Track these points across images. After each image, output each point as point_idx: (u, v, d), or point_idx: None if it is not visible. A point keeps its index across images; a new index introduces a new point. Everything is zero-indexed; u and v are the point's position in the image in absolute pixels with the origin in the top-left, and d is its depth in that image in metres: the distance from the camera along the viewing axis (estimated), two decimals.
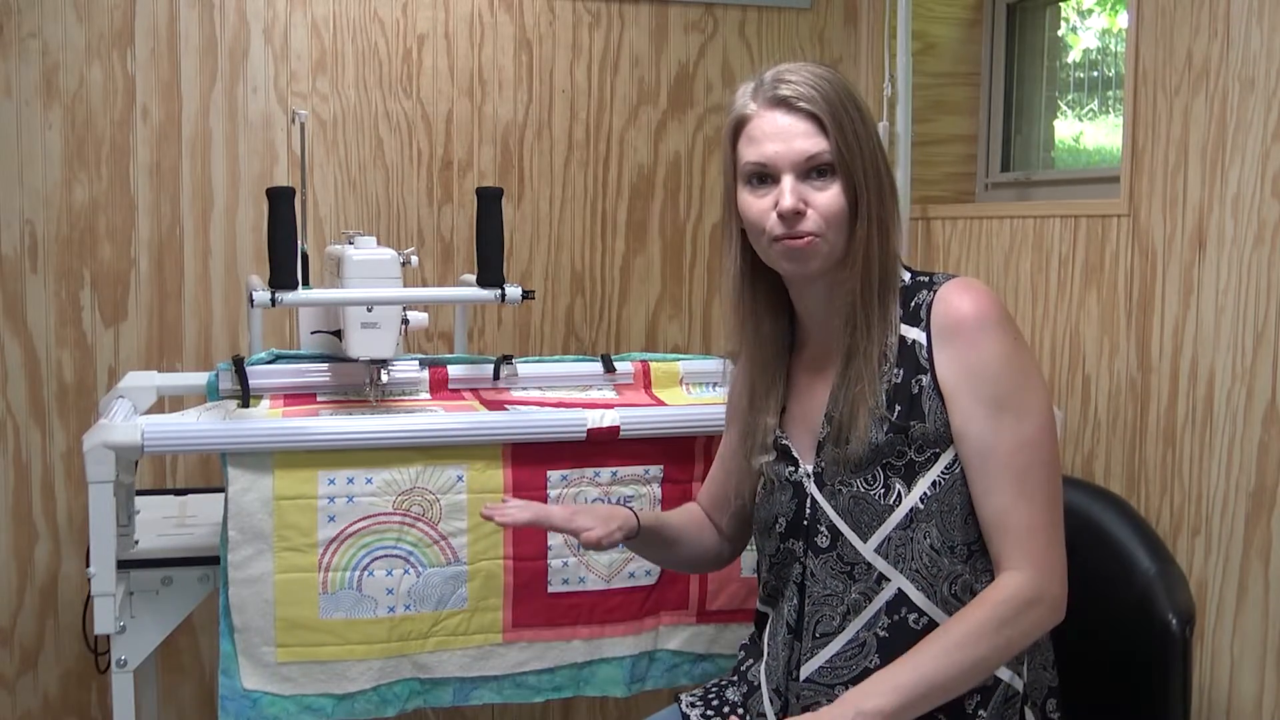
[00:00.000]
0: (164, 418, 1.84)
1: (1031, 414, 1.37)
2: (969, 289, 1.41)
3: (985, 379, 1.37)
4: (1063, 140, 2.53)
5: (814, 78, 1.41)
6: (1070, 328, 2.03)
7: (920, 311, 1.42)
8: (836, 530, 1.43)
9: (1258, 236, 1.66)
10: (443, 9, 2.51)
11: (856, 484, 1.42)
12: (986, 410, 1.37)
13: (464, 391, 2.04)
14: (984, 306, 1.39)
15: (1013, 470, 1.36)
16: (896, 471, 1.40)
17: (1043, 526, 1.36)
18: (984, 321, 1.38)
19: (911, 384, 1.40)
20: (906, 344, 1.42)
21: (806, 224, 1.39)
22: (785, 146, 1.39)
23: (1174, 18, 1.81)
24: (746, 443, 1.55)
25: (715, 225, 2.69)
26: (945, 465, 1.39)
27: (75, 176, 2.35)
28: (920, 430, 1.39)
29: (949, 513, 1.39)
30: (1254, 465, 1.67)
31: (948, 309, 1.40)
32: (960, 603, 1.38)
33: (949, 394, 1.39)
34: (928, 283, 1.44)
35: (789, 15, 2.69)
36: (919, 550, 1.39)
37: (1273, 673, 1.65)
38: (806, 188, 1.39)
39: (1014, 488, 1.36)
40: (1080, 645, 1.40)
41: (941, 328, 1.40)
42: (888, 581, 1.40)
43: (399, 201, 2.51)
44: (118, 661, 1.74)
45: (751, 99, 1.43)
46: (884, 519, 1.40)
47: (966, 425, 1.38)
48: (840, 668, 1.42)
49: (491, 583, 1.80)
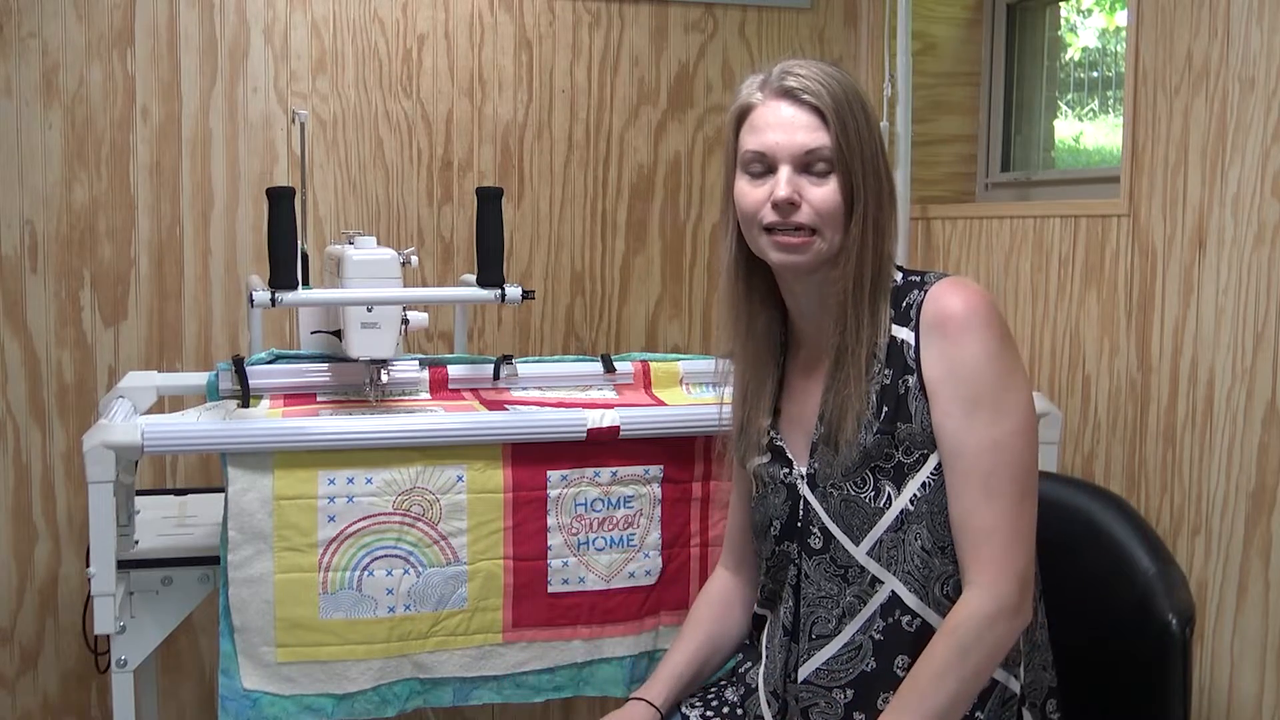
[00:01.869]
0: (164, 418, 1.83)
1: (1008, 415, 1.35)
2: (959, 288, 1.40)
3: (964, 377, 1.36)
4: (1063, 140, 2.53)
5: (822, 74, 1.40)
6: (1070, 328, 2.03)
7: (910, 311, 1.41)
8: (829, 533, 1.43)
9: (1258, 236, 1.66)
10: (443, 9, 2.51)
11: (847, 487, 1.42)
12: (962, 408, 1.36)
13: (464, 391, 2.04)
14: (972, 304, 1.38)
15: (979, 471, 1.34)
16: (885, 474, 1.40)
17: (1003, 529, 1.33)
18: (970, 319, 1.37)
19: (899, 384, 1.40)
20: (896, 344, 1.41)
21: (799, 216, 1.39)
22: (786, 137, 1.39)
23: (1174, 17, 1.81)
24: (740, 444, 1.55)
25: (715, 225, 2.68)
26: (934, 467, 1.39)
27: (75, 176, 2.35)
28: (906, 431, 1.39)
29: (939, 514, 1.38)
30: (1254, 465, 1.67)
31: (937, 307, 1.39)
32: (952, 603, 1.38)
33: (931, 393, 1.38)
34: (919, 282, 1.43)
35: (789, 15, 2.69)
36: (910, 552, 1.39)
37: (1273, 673, 1.65)
38: (803, 180, 1.39)
39: (978, 489, 1.34)
40: (1080, 645, 1.40)
41: (929, 326, 1.39)
42: (880, 584, 1.40)
43: (399, 201, 2.52)
44: (118, 661, 1.74)
45: (759, 89, 1.43)
46: (874, 522, 1.40)
47: (943, 422, 1.37)
48: (837, 670, 1.42)
49: (491, 583, 1.80)
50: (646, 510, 1.86)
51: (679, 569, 1.89)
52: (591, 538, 1.84)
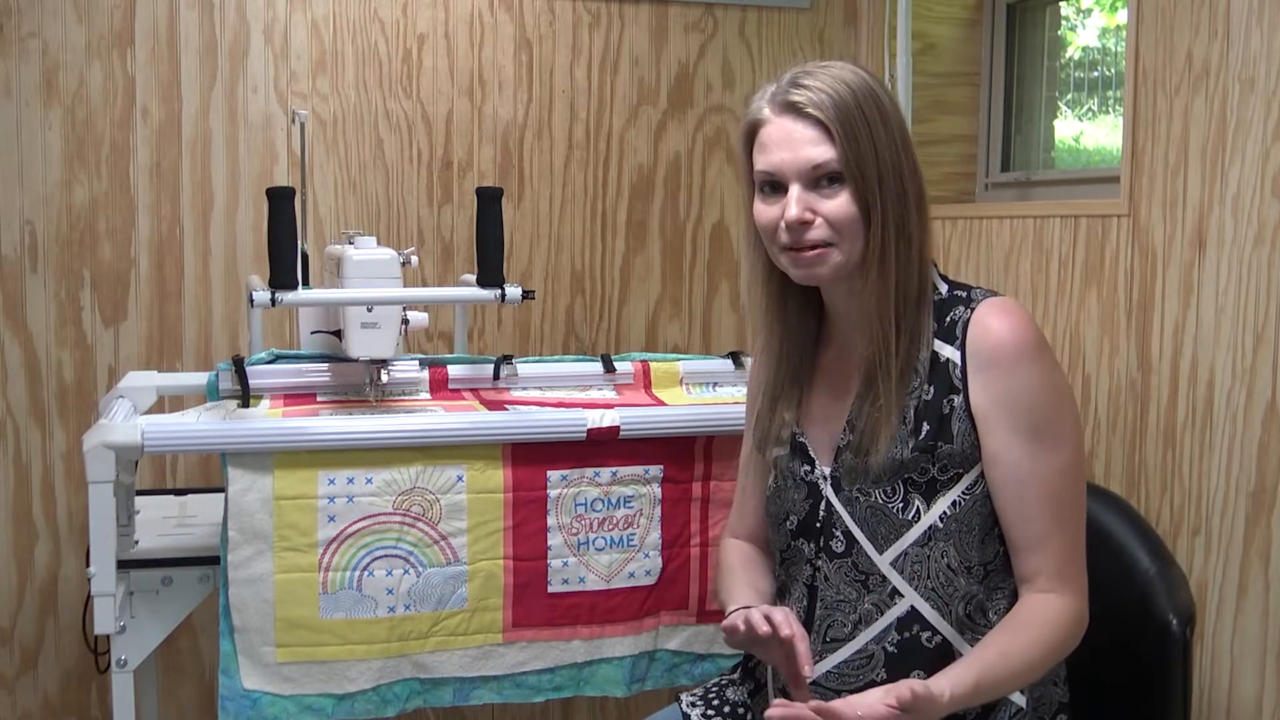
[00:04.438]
0: (164, 418, 1.84)
1: (1067, 441, 1.38)
2: (1007, 313, 1.39)
3: (1022, 409, 1.36)
4: (1063, 140, 2.53)
5: (832, 81, 1.38)
6: (1070, 328, 2.03)
7: (956, 329, 1.40)
8: (853, 537, 1.42)
9: (1258, 236, 1.66)
10: (443, 9, 2.51)
11: (875, 495, 1.41)
12: (1023, 439, 1.36)
13: (464, 391, 2.04)
14: (1022, 333, 1.38)
15: (1050, 497, 1.36)
16: (917, 487, 1.40)
17: (1077, 552, 1.39)
18: (1022, 350, 1.37)
19: (943, 403, 1.39)
20: (940, 361, 1.40)
21: (814, 233, 1.37)
22: (792, 155, 1.38)
23: (1174, 17, 1.81)
24: (758, 432, 1.54)
25: (715, 225, 2.69)
26: (967, 485, 1.39)
27: (75, 176, 2.35)
28: (947, 451, 1.38)
29: (967, 533, 1.39)
30: (1254, 465, 1.67)
31: (985, 333, 1.38)
32: (974, 623, 1.39)
33: (982, 419, 1.38)
34: (965, 299, 1.42)
35: (789, 15, 2.69)
36: (935, 569, 1.39)
37: (1273, 673, 1.65)
38: (814, 196, 1.37)
39: (1051, 514, 1.37)
40: (1080, 646, 1.40)
41: (977, 352, 1.38)
42: (901, 597, 1.40)
43: (399, 201, 2.51)
44: (118, 661, 1.74)
45: (767, 103, 1.42)
46: (901, 533, 1.40)
47: (1002, 453, 1.37)
48: (848, 675, 1.41)
49: (491, 583, 1.80)
50: (646, 510, 1.87)
51: (679, 569, 1.89)
52: (591, 538, 1.84)
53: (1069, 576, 1.37)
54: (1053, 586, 1.37)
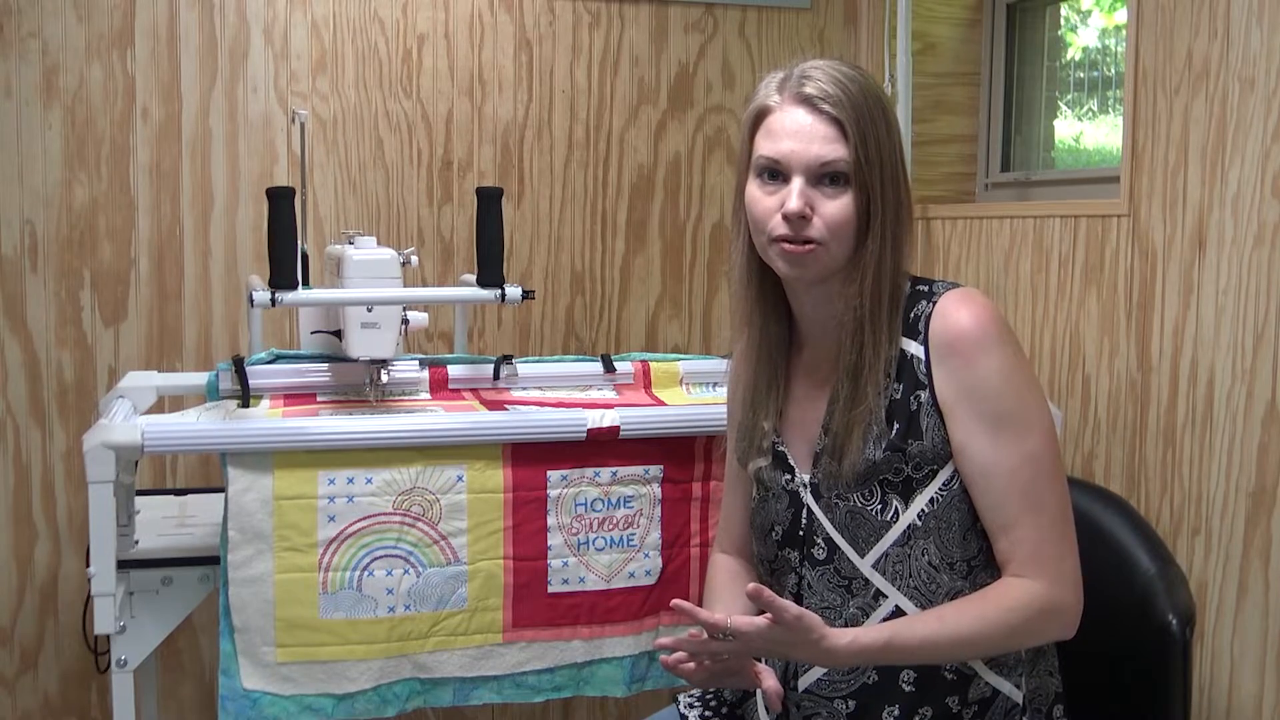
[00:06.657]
0: (164, 418, 1.84)
1: (1033, 428, 1.35)
2: (967, 302, 1.38)
3: (984, 396, 1.35)
4: (1063, 140, 2.53)
5: (844, 79, 1.36)
6: (1070, 328, 2.03)
7: (919, 324, 1.39)
8: (833, 544, 1.42)
9: (1258, 236, 1.66)
10: (443, 9, 2.51)
11: (853, 499, 1.40)
12: (987, 428, 1.35)
13: (464, 391, 2.05)
14: (982, 321, 1.36)
15: (1017, 486, 1.34)
16: (894, 488, 1.39)
17: (1053, 539, 1.35)
18: (982, 337, 1.35)
19: (910, 400, 1.38)
20: (906, 358, 1.39)
21: (810, 230, 1.36)
22: (802, 147, 1.35)
23: (1174, 17, 1.81)
24: (741, 444, 1.54)
25: (715, 225, 2.69)
26: (943, 482, 1.38)
27: (75, 176, 2.35)
28: (918, 448, 1.37)
29: (947, 529, 1.38)
30: (1254, 465, 1.67)
31: (946, 324, 1.37)
32: None
33: (947, 410, 1.37)
34: (927, 293, 1.41)
35: (789, 15, 2.69)
36: (917, 567, 1.38)
37: (1273, 673, 1.65)
38: (816, 193, 1.36)
39: (1018, 501, 1.34)
40: (1080, 645, 1.40)
41: (939, 343, 1.37)
42: (885, 598, 1.39)
43: (399, 201, 2.52)
44: (118, 661, 1.74)
45: (777, 90, 1.39)
46: (881, 535, 1.39)
47: (967, 442, 1.36)
48: (839, 681, 1.41)
49: (491, 583, 1.80)
50: (646, 510, 1.87)
51: (679, 569, 1.89)
52: (591, 538, 1.84)
53: (1044, 562, 1.34)
54: (1023, 571, 1.34)
